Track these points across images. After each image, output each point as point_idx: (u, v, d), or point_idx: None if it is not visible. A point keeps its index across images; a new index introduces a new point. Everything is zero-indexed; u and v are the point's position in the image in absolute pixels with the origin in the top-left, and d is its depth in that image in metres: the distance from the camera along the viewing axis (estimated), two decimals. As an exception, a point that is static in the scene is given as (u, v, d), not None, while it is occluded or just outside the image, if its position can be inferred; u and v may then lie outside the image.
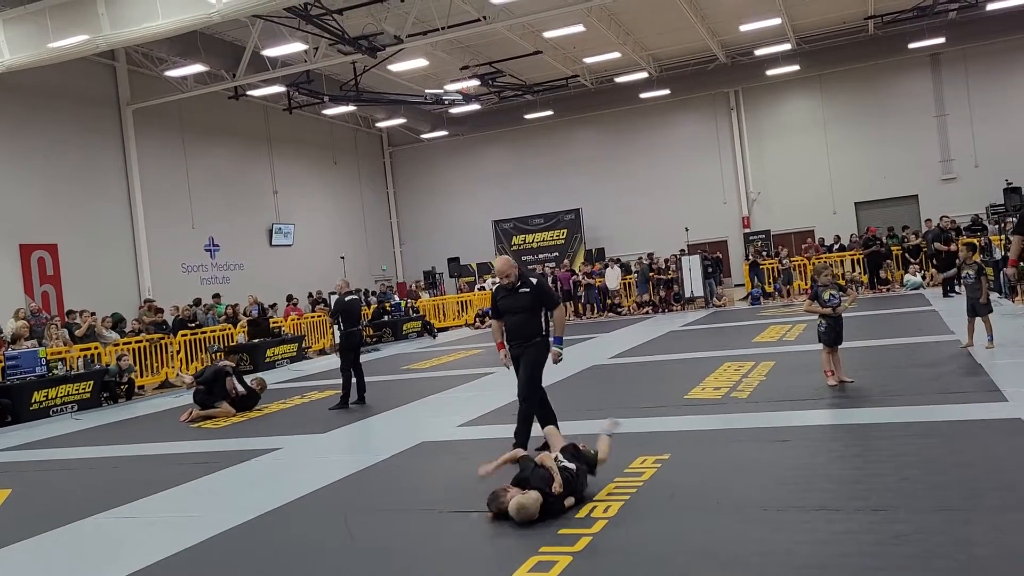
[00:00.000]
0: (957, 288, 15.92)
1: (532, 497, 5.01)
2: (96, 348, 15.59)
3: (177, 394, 14.71)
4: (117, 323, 17.58)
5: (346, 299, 11.34)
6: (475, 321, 24.83)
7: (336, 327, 11.43)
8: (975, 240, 18.98)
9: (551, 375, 11.62)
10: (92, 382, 14.08)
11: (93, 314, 16.93)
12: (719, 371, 10.36)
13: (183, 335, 17.76)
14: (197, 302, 20.42)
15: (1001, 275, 15.78)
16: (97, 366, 14.77)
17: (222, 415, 11.05)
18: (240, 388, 11.51)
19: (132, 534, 5.84)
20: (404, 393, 11.47)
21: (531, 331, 6.77)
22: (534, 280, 7.09)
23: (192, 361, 17.32)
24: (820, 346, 8.72)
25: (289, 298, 23.61)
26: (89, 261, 20.76)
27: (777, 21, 24.38)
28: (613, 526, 4.83)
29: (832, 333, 8.51)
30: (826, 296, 8.53)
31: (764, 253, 24.63)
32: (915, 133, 27.75)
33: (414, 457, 7.40)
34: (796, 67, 27.35)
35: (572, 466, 5.31)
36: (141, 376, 16.20)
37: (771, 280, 23.04)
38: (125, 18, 15.64)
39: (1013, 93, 26.71)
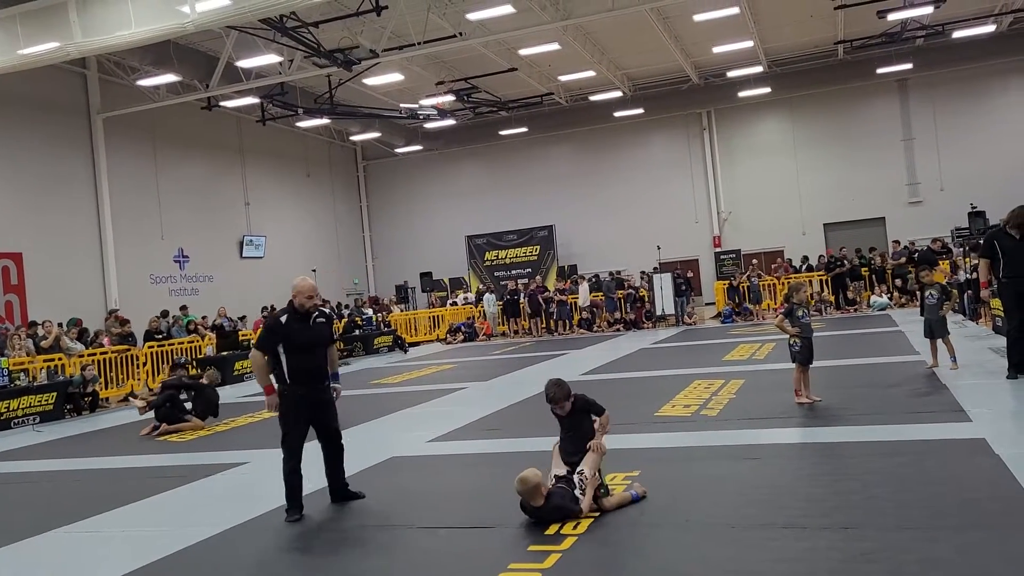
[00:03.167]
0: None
1: (533, 472, 5.12)
2: (60, 359, 15.31)
3: (142, 407, 14.44)
4: (82, 334, 17.27)
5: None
6: (447, 336, 24.75)
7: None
8: (941, 262, 19.30)
9: (521, 391, 11.64)
10: (55, 394, 13.81)
11: (60, 324, 16.62)
12: (689, 389, 10.40)
13: (150, 347, 17.51)
14: (164, 314, 20.14)
15: (964, 297, 16.06)
16: (61, 377, 14.49)
17: (189, 428, 10.88)
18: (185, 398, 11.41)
19: (92, 550, 5.72)
20: (374, 408, 11.37)
21: (328, 370, 6.10)
22: (327, 310, 6.56)
23: (159, 374, 17.06)
24: (790, 365, 8.78)
25: (263, 310, 23.37)
26: (55, 271, 20.40)
27: (749, 44, 24.76)
28: (583, 543, 4.81)
29: (807, 352, 8.56)
30: (799, 313, 8.61)
31: (747, 276, 24.70)
32: (883, 156, 28.26)
33: (383, 472, 7.33)
34: (767, 89, 27.78)
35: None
36: (106, 388, 15.91)
37: (737, 300, 23.18)
38: (97, 26, 15.46)
39: (978, 118, 27.33)
